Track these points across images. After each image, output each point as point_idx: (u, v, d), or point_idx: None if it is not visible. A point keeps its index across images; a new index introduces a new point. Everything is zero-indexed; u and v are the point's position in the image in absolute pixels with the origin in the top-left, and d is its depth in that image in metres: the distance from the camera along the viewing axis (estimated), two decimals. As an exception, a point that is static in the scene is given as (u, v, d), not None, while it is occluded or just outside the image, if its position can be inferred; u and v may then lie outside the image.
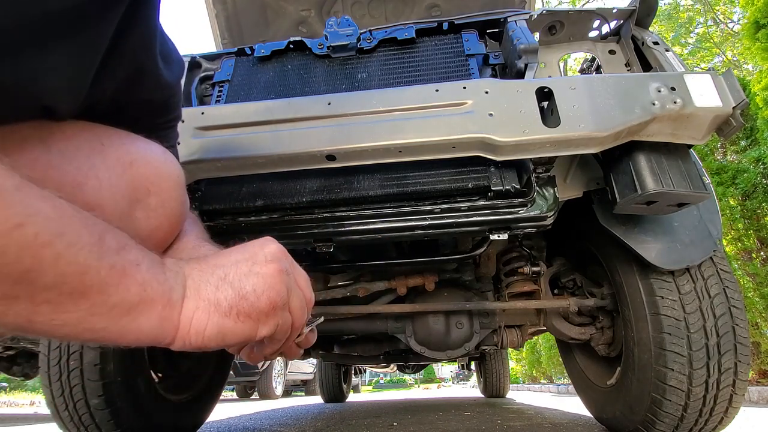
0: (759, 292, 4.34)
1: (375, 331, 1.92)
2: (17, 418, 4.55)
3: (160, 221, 0.58)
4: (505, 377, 5.23)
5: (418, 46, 1.43)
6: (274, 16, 2.66)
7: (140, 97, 0.61)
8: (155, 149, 0.60)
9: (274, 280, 0.52)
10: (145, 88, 0.60)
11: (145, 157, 0.57)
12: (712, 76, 1.04)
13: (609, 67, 1.40)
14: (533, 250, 1.78)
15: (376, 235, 1.19)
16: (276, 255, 0.54)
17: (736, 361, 1.25)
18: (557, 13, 1.40)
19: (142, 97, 0.61)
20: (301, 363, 8.88)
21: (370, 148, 1.03)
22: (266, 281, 0.51)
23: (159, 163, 0.58)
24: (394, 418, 2.63)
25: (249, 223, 1.19)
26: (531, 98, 1.03)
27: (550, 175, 1.16)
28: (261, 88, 1.41)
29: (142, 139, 0.59)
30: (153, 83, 0.60)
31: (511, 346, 1.98)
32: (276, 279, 0.52)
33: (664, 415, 1.28)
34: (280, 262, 0.54)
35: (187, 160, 1.05)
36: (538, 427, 2.00)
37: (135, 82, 0.57)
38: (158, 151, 0.60)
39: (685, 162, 1.09)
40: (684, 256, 1.24)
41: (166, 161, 0.60)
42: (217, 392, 2.19)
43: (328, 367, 5.30)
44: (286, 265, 0.55)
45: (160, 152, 0.60)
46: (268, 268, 0.52)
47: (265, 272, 0.52)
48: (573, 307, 1.62)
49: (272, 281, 0.52)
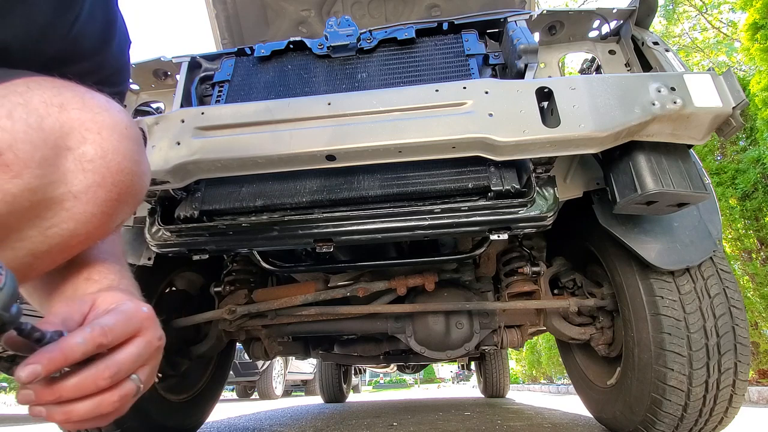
0: (759, 292, 4.34)
1: (375, 331, 1.92)
2: (17, 418, 4.55)
3: (100, 176, 0.49)
4: (505, 377, 5.22)
5: (418, 46, 1.43)
6: (274, 16, 2.66)
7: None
8: (97, 97, 0.53)
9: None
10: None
11: (81, 102, 0.50)
12: (712, 76, 1.04)
13: (609, 67, 1.40)
14: (533, 250, 1.78)
15: (376, 236, 1.19)
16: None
17: (736, 362, 1.25)
18: (557, 13, 1.40)
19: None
20: (301, 363, 8.88)
21: (370, 148, 1.03)
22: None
23: (99, 109, 0.51)
24: (394, 418, 2.63)
25: (249, 223, 1.19)
26: (531, 98, 1.03)
27: (550, 175, 1.16)
28: (261, 88, 1.41)
29: (81, 87, 0.53)
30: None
31: (511, 346, 1.98)
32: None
33: (664, 415, 1.28)
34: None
35: (187, 160, 1.05)
36: (538, 427, 2.00)
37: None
38: (100, 98, 0.53)
39: (685, 162, 1.09)
40: (684, 256, 1.24)
41: (109, 109, 0.53)
42: (217, 392, 2.19)
43: (328, 367, 5.30)
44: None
45: (103, 100, 0.53)
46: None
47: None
48: (573, 307, 1.62)
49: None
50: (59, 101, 0.48)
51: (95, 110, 0.51)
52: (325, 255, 1.62)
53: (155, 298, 1.72)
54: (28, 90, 0.47)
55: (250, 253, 1.46)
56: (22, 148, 0.43)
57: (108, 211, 0.51)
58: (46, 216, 0.47)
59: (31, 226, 0.47)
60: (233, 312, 1.68)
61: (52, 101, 0.48)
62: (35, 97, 0.47)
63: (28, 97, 0.47)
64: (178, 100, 1.42)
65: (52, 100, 0.48)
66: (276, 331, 1.94)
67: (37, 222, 0.47)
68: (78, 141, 0.48)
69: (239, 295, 1.77)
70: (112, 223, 0.53)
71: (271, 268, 1.57)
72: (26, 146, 0.44)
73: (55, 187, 0.47)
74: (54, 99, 0.48)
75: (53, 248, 0.49)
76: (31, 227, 0.47)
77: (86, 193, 0.49)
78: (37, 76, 0.51)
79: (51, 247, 0.49)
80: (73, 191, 0.48)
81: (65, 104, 0.49)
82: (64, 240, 0.49)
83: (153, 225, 1.26)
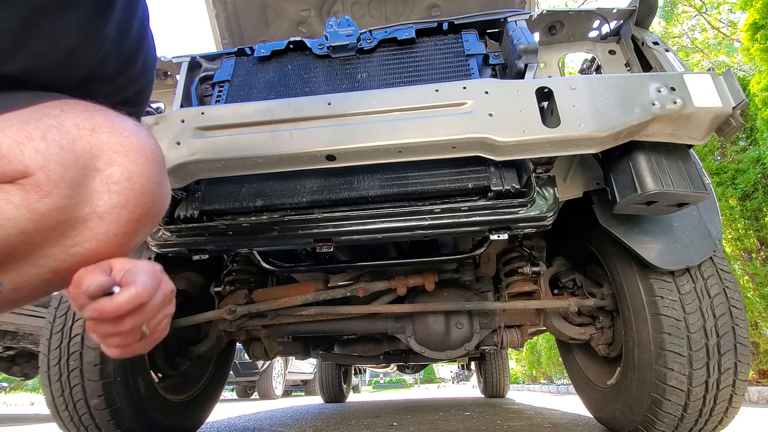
0: (759, 292, 4.34)
1: (375, 331, 1.92)
2: (17, 418, 4.55)
3: (125, 197, 0.51)
4: (505, 377, 5.22)
5: (418, 46, 1.43)
6: (274, 16, 2.66)
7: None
8: (126, 120, 0.55)
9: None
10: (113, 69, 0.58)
11: (111, 126, 0.52)
12: (712, 77, 1.04)
13: (609, 67, 1.40)
14: (533, 250, 1.78)
15: (376, 236, 1.19)
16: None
17: (736, 362, 1.25)
18: (557, 13, 1.40)
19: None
20: (301, 363, 8.88)
21: (370, 148, 1.03)
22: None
23: (128, 133, 0.53)
24: (394, 418, 2.63)
25: (249, 223, 1.19)
26: (531, 98, 1.03)
27: (550, 175, 1.16)
28: (261, 88, 1.41)
29: (112, 111, 0.55)
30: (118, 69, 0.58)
31: (511, 346, 1.98)
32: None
33: (664, 415, 1.28)
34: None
35: (187, 161, 1.06)
36: (538, 427, 2.00)
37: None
38: (129, 122, 0.55)
39: (685, 162, 1.09)
40: (684, 256, 1.24)
41: (137, 133, 0.55)
42: (217, 392, 2.19)
43: (328, 367, 5.30)
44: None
45: (131, 124, 0.56)
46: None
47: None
48: (573, 307, 1.62)
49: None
50: (91, 125, 0.50)
51: (124, 134, 0.53)
52: (325, 255, 1.62)
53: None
54: (62, 113, 0.49)
55: (250, 253, 1.46)
56: (54, 169, 0.46)
57: (129, 232, 0.52)
58: (70, 235, 0.49)
59: (55, 244, 0.48)
60: (233, 312, 1.68)
61: (84, 124, 0.50)
62: (68, 120, 0.49)
63: (62, 120, 0.49)
64: (178, 100, 1.42)
65: (84, 123, 0.50)
66: (276, 331, 1.94)
67: (61, 240, 0.49)
68: (106, 163, 0.50)
69: (239, 295, 1.77)
70: (132, 243, 0.55)
71: (271, 268, 1.57)
72: (58, 167, 0.46)
73: (81, 207, 0.48)
74: (86, 122, 0.50)
75: (74, 266, 0.50)
76: (55, 245, 0.49)
77: (110, 214, 0.50)
78: (71, 100, 0.53)
79: (72, 265, 0.50)
80: (97, 212, 0.49)
81: (96, 127, 0.51)
82: (85, 259, 0.50)
83: (153, 225, 1.26)
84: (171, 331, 1.75)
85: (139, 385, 1.54)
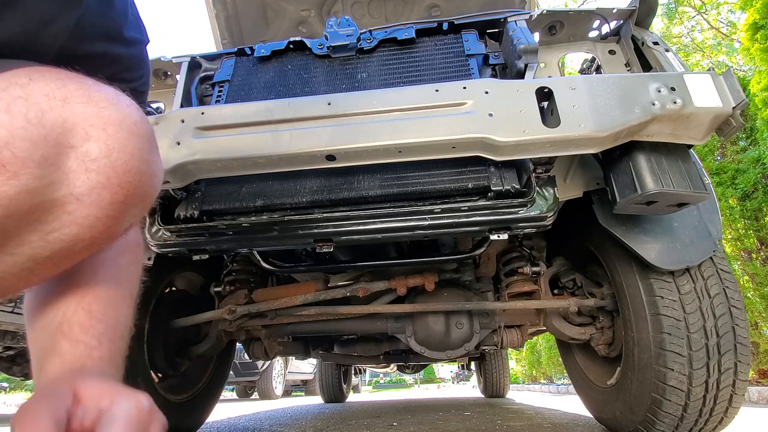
0: (759, 292, 4.34)
1: (375, 331, 1.92)
2: (17, 418, 4.54)
3: (104, 176, 0.45)
4: (505, 377, 5.22)
5: (418, 46, 1.43)
6: (274, 16, 2.66)
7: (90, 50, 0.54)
8: (104, 89, 0.49)
9: None
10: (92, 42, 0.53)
11: (86, 95, 0.46)
12: (712, 77, 1.04)
13: (609, 67, 1.40)
14: (533, 250, 1.78)
15: (376, 236, 1.19)
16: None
17: (736, 362, 1.25)
18: (557, 13, 1.40)
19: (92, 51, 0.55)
20: (301, 363, 8.88)
21: (370, 148, 1.03)
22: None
23: (105, 103, 0.47)
24: (394, 418, 2.63)
25: (249, 223, 1.19)
26: (531, 98, 1.03)
27: (550, 175, 1.16)
28: (261, 88, 1.41)
29: (88, 79, 0.49)
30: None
31: (511, 346, 1.98)
32: None
33: (664, 415, 1.28)
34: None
35: (187, 161, 1.05)
36: (538, 427, 2.00)
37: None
38: (108, 90, 0.49)
39: (685, 162, 1.09)
40: (684, 256, 1.24)
41: (117, 102, 0.48)
42: (217, 392, 2.19)
43: (328, 367, 5.30)
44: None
45: (111, 92, 0.49)
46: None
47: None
48: (573, 307, 1.62)
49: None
50: (62, 94, 0.45)
51: (101, 104, 0.47)
52: (325, 255, 1.62)
53: (155, 298, 1.72)
54: (30, 82, 0.44)
55: (250, 253, 1.46)
56: (21, 146, 0.40)
57: (114, 215, 0.47)
58: (47, 220, 0.44)
59: (31, 230, 0.44)
60: (233, 312, 1.68)
61: (55, 94, 0.44)
62: (37, 90, 0.44)
63: (30, 89, 0.43)
64: (178, 100, 1.42)
65: (55, 92, 0.45)
66: (276, 331, 1.94)
67: (38, 226, 0.44)
68: (81, 138, 0.45)
69: (239, 295, 1.77)
70: (119, 227, 0.50)
71: (271, 268, 1.57)
72: (25, 144, 0.41)
73: (55, 188, 0.44)
74: (57, 91, 0.45)
75: (56, 254, 0.46)
76: (31, 232, 0.44)
77: (90, 195, 0.45)
78: (41, 67, 0.48)
79: (53, 252, 0.46)
80: (75, 193, 0.44)
81: (69, 97, 0.45)
82: (67, 245, 0.46)
83: (153, 225, 1.26)
84: (171, 331, 1.75)
85: (139, 385, 1.54)
